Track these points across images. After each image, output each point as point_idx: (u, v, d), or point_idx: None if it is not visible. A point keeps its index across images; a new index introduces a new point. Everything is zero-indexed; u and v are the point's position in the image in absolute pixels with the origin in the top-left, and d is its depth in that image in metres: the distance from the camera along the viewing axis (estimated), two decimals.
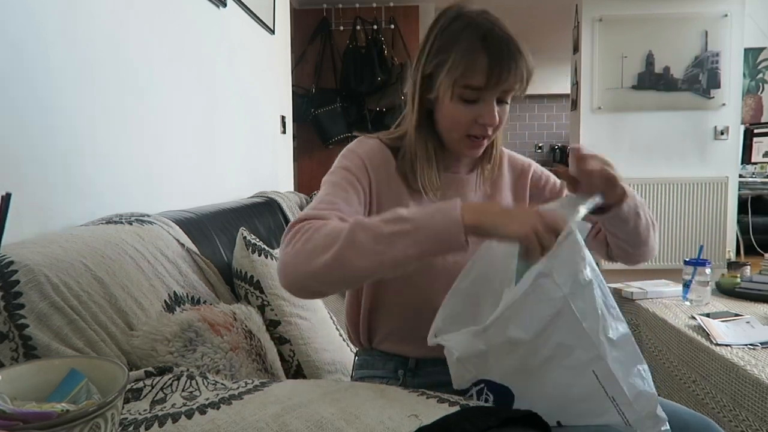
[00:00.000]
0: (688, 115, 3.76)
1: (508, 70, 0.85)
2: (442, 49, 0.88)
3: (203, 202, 1.63)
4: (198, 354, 0.87)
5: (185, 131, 1.62)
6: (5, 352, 0.72)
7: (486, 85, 0.85)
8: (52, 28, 1.06)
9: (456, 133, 0.91)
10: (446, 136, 0.94)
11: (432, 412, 0.59)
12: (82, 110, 1.14)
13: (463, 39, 0.86)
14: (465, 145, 0.93)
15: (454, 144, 0.94)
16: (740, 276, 2.07)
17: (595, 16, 3.75)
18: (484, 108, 0.88)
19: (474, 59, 0.84)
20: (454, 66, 0.86)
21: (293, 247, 0.76)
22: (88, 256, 0.86)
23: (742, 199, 4.08)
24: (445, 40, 0.88)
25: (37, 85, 1.02)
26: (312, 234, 0.76)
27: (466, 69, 0.85)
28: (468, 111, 0.88)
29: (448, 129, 0.93)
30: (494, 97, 0.88)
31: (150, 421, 0.60)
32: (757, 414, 1.29)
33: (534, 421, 0.62)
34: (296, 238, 0.77)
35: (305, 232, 0.76)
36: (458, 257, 0.83)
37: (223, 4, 1.86)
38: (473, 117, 0.89)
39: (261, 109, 2.38)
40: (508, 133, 7.75)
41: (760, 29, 4.18)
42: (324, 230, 0.75)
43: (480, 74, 0.85)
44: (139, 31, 1.36)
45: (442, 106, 0.91)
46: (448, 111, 0.90)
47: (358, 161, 0.92)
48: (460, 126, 0.90)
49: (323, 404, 0.60)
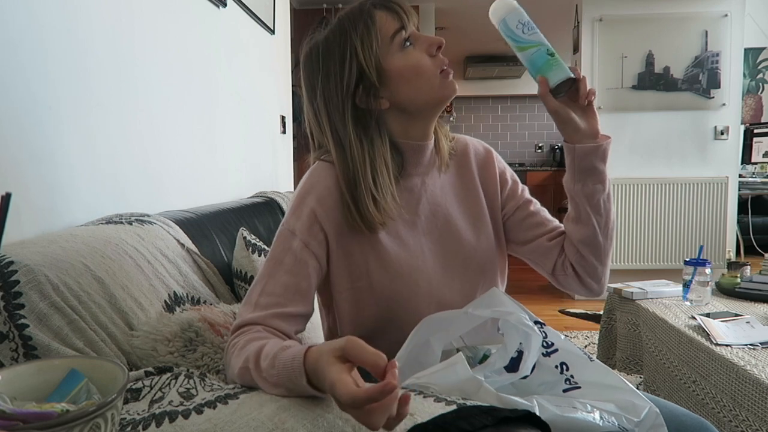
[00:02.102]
0: (688, 115, 3.76)
1: (398, 1, 0.86)
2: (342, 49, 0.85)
3: (203, 202, 1.63)
4: (198, 354, 0.87)
5: (185, 131, 1.62)
6: (5, 352, 0.72)
7: (401, 20, 0.85)
8: (51, 28, 1.06)
9: (427, 81, 0.85)
10: (423, 99, 0.87)
11: (428, 410, 0.59)
12: (81, 110, 1.14)
13: (349, 24, 0.85)
14: (443, 84, 0.87)
15: (432, 99, 0.87)
16: (740, 276, 2.08)
17: (595, 16, 3.75)
18: (422, 39, 0.87)
19: (374, 17, 0.85)
20: (366, 34, 0.84)
21: (226, 368, 0.77)
22: (88, 256, 0.87)
23: (742, 199, 4.08)
24: (337, 45, 0.86)
25: (37, 86, 1.02)
26: (229, 358, 0.75)
27: (377, 26, 0.84)
28: (416, 52, 0.86)
29: (418, 87, 0.86)
30: (414, 27, 0.88)
31: (148, 421, 0.60)
32: (757, 414, 1.29)
33: (532, 420, 0.62)
34: (226, 357, 0.77)
35: (230, 351, 0.76)
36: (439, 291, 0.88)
37: (223, 4, 1.87)
38: (424, 50, 0.86)
39: (261, 109, 2.38)
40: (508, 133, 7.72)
41: (760, 29, 4.18)
42: (232, 360, 0.74)
43: (389, 20, 0.85)
44: (139, 31, 1.36)
45: (395, 78, 0.85)
46: (403, 71, 0.85)
47: (308, 219, 0.85)
48: (424, 69, 0.85)
49: (319, 402, 0.60)
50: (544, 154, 7.05)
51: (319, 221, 0.85)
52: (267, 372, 0.67)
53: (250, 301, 0.81)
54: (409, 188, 0.92)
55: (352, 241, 0.87)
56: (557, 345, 0.80)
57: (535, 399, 0.72)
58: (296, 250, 0.83)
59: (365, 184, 0.84)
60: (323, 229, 0.85)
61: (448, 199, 0.95)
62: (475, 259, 0.95)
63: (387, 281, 0.88)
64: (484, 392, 0.69)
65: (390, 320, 0.89)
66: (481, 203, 0.98)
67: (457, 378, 0.70)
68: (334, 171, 0.87)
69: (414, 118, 0.89)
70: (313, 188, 0.87)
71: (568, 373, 0.78)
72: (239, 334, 0.77)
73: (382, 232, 0.88)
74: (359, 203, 0.84)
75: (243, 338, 0.75)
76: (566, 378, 0.78)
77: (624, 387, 0.77)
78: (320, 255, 0.85)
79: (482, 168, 1.00)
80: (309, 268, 0.83)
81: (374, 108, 0.87)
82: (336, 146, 0.87)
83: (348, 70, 0.84)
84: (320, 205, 0.86)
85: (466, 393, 0.69)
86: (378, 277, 0.88)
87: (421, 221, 0.92)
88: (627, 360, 2.05)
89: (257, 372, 0.68)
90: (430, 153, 0.94)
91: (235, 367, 0.72)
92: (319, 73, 0.87)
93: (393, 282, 0.88)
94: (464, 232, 0.95)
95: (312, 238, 0.84)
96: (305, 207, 0.86)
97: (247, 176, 2.15)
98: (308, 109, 0.91)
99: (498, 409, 0.60)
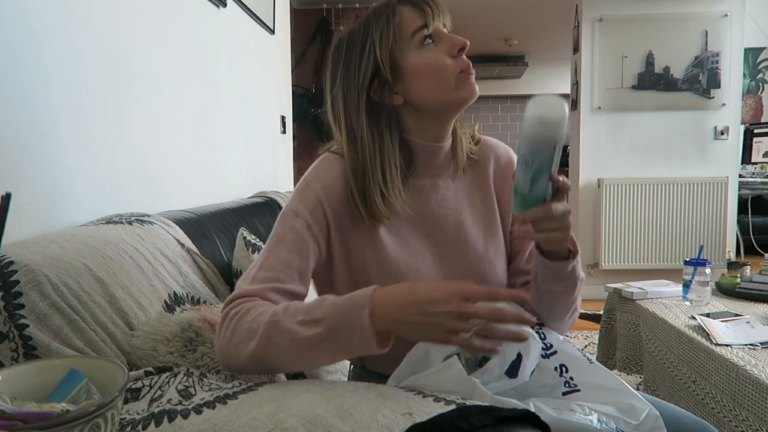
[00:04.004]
0: (688, 115, 3.76)
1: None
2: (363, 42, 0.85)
3: (203, 202, 1.63)
4: (198, 354, 0.87)
5: (185, 131, 1.62)
6: (5, 352, 0.72)
7: (426, 18, 0.83)
8: (51, 28, 1.06)
9: (445, 81, 0.83)
10: (439, 99, 0.85)
11: (427, 410, 0.59)
12: (81, 110, 1.14)
13: (374, 18, 0.85)
14: (463, 86, 0.84)
15: (450, 101, 0.85)
16: (740, 276, 2.08)
17: (595, 16, 3.75)
18: (445, 38, 0.84)
19: (397, 13, 0.84)
20: (385, 30, 0.83)
21: (223, 336, 0.75)
22: (88, 256, 0.87)
23: (742, 199, 4.08)
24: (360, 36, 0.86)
25: (37, 86, 1.02)
26: (236, 324, 0.74)
27: (400, 22, 0.83)
28: (436, 51, 0.84)
29: (434, 88, 0.84)
30: (441, 27, 0.85)
31: (147, 420, 0.60)
32: (757, 414, 1.29)
33: (532, 419, 0.62)
34: (225, 325, 0.75)
35: (232, 318, 0.74)
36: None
37: (223, 4, 1.87)
38: (445, 51, 0.83)
39: (261, 109, 2.38)
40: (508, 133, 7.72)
41: (760, 29, 4.18)
42: (246, 322, 0.73)
43: (412, 16, 0.84)
44: (138, 31, 1.36)
45: (411, 76, 0.84)
46: (421, 70, 0.84)
47: (312, 202, 0.85)
48: (442, 70, 0.83)
49: (318, 402, 0.60)
50: None
51: (323, 206, 0.85)
52: (309, 312, 0.69)
53: (248, 276, 0.81)
54: (419, 188, 0.91)
55: (353, 234, 0.88)
56: (556, 347, 0.80)
57: (531, 402, 0.71)
58: (299, 229, 0.83)
59: (374, 176, 0.84)
60: (326, 216, 0.86)
61: (460, 204, 0.93)
62: (479, 268, 0.93)
63: (383, 278, 0.87)
64: (479, 394, 0.68)
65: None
66: (494, 213, 0.96)
67: (453, 380, 0.70)
68: (342, 163, 0.88)
69: (429, 117, 0.88)
70: (320, 176, 0.88)
71: (568, 375, 0.78)
72: (238, 303, 0.76)
73: (383, 228, 0.88)
74: (366, 194, 0.85)
75: (246, 305, 0.75)
76: (566, 380, 0.78)
77: (624, 389, 0.77)
78: (321, 240, 0.85)
79: (501, 176, 0.97)
80: (309, 249, 0.83)
81: (388, 103, 0.86)
82: (348, 137, 0.87)
83: (365, 63, 0.85)
84: (325, 192, 0.86)
85: (462, 395, 0.69)
86: (374, 272, 0.88)
87: (426, 223, 0.91)
88: (627, 360, 2.05)
89: (290, 318, 0.70)
90: (444, 155, 0.92)
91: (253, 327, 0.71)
92: (341, 64, 0.88)
93: (389, 280, 0.88)
94: (473, 240, 0.93)
95: (315, 222, 0.84)
96: (310, 192, 0.86)
97: (247, 176, 2.15)
98: (327, 98, 0.92)
99: (497, 409, 0.60)
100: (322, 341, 0.69)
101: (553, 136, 0.67)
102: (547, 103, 0.67)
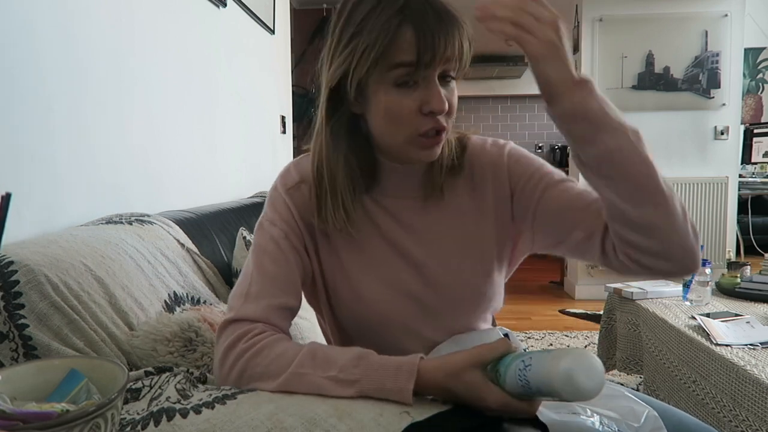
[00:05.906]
0: (688, 115, 3.76)
1: (439, 36, 0.67)
2: (353, 35, 0.70)
3: (203, 202, 1.63)
4: (198, 354, 0.87)
5: (185, 131, 1.62)
6: (5, 352, 0.72)
7: (419, 59, 0.67)
8: (51, 28, 1.06)
9: (400, 134, 0.72)
10: (389, 143, 0.75)
11: (425, 409, 0.59)
12: (81, 110, 1.14)
13: (375, 16, 0.69)
14: (417, 148, 0.73)
15: (401, 152, 0.75)
16: (740, 276, 2.08)
17: (595, 16, 3.75)
18: (426, 91, 0.69)
19: (395, 32, 0.68)
20: (372, 44, 0.68)
21: (228, 371, 0.69)
22: (88, 256, 0.87)
23: (742, 199, 4.08)
24: (354, 25, 0.71)
25: (37, 86, 1.02)
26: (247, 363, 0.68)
27: (389, 44, 0.68)
28: (408, 98, 0.70)
29: (389, 133, 0.73)
30: (435, 76, 0.70)
31: (146, 420, 0.60)
32: (757, 414, 1.29)
33: (531, 420, 0.62)
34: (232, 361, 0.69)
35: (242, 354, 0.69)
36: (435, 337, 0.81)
37: (223, 4, 1.87)
38: (416, 105, 0.70)
39: (261, 109, 2.38)
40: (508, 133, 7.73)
41: (760, 29, 4.18)
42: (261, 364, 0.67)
43: (407, 47, 0.67)
44: (138, 31, 1.37)
45: (372, 105, 0.72)
46: (381, 107, 0.71)
47: (283, 212, 0.80)
48: (403, 121, 0.71)
49: (316, 402, 0.61)
50: (544, 154, 7.04)
51: (294, 218, 0.80)
52: (344, 370, 0.63)
53: (241, 293, 0.76)
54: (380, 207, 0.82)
55: (325, 254, 0.83)
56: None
57: None
58: (281, 243, 0.78)
59: (329, 180, 0.77)
60: (299, 228, 0.80)
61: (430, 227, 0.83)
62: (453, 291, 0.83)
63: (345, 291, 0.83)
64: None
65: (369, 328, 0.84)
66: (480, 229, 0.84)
67: None
68: (307, 163, 0.82)
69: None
70: (288, 184, 0.82)
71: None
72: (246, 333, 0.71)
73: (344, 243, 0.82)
74: (320, 199, 0.79)
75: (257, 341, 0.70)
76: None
77: (621, 394, 0.77)
78: (299, 245, 0.80)
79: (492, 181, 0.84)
80: (291, 257, 0.79)
81: (347, 106, 0.76)
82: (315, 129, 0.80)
83: (342, 56, 0.72)
84: (294, 203, 0.81)
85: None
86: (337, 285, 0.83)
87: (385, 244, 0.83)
88: (627, 360, 2.05)
89: (320, 371, 0.64)
90: (413, 178, 0.81)
91: (271, 371, 0.66)
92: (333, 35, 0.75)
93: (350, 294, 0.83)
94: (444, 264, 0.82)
95: (293, 231, 0.80)
96: (281, 204, 0.81)
97: (247, 176, 2.15)
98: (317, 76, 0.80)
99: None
100: (351, 397, 0.64)
101: (576, 400, 0.57)
102: (588, 371, 0.54)
